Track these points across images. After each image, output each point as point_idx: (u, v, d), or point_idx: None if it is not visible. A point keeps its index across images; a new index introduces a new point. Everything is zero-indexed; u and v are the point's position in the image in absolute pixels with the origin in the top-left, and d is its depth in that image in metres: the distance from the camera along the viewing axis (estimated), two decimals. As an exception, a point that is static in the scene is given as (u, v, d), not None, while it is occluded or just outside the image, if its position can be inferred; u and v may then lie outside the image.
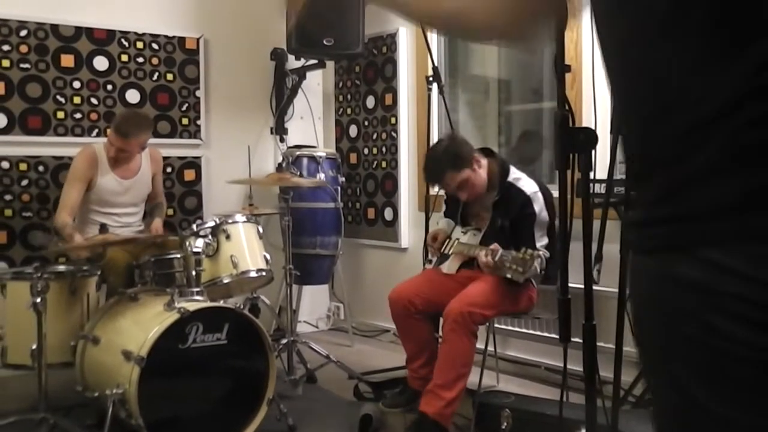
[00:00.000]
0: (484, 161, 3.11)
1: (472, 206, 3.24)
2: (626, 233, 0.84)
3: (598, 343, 2.00)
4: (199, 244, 2.94)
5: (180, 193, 4.45)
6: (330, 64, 4.80)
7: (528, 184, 3.06)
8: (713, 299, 0.70)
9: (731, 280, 0.69)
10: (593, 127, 2.73)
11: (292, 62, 4.71)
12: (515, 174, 3.10)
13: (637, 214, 0.82)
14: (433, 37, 4.32)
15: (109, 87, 4.18)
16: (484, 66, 4.49)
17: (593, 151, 1.76)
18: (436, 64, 3.88)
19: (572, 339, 2.11)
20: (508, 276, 2.82)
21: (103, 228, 3.01)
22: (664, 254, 0.76)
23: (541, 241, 3.00)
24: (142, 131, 3.55)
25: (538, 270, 2.98)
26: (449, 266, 3.26)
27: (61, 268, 3.30)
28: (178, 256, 3.17)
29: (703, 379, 0.73)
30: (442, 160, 3.06)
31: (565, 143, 1.40)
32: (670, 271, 0.74)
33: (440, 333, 3.17)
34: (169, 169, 4.37)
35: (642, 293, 0.81)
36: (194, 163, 4.50)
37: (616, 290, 2.53)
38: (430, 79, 3.81)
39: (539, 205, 3.01)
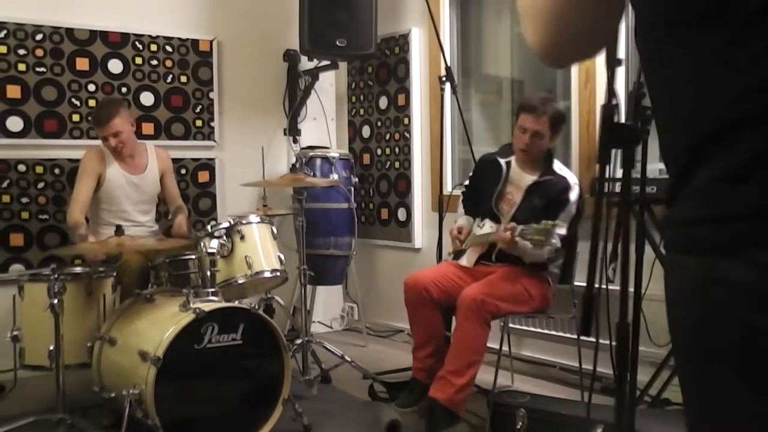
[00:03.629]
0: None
1: (510, 186, 3.25)
2: (666, 232, 0.82)
3: (613, 343, 1.99)
4: (213, 245, 2.96)
5: (194, 195, 4.47)
6: (343, 65, 4.80)
7: (570, 175, 3.17)
8: (762, 300, 0.69)
9: None
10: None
11: (305, 63, 4.73)
12: (559, 164, 3.21)
13: (680, 214, 0.80)
14: (446, 37, 4.32)
15: (124, 90, 4.21)
16: (497, 66, 4.48)
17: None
18: (449, 65, 3.88)
19: (589, 338, 2.10)
20: (530, 246, 2.85)
21: (119, 230, 3.03)
22: (710, 255, 0.74)
23: (560, 230, 3.01)
24: (114, 112, 3.56)
25: (554, 246, 3.00)
26: (467, 259, 3.28)
27: (78, 269, 3.33)
28: (193, 257, 3.19)
29: (748, 381, 0.71)
30: (553, 107, 3.11)
31: (608, 138, 1.37)
32: (716, 271, 0.73)
33: (451, 331, 3.18)
34: (183, 171, 4.39)
35: (683, 293, 0.79)
36: (208, 165, 4.52)
37: (632, 289, 2.51)
38: (443, 79, 3.81)
39: (575, 196, 3.11)
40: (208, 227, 3.23)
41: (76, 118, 4.06)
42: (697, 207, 0.76)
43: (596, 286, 1.66)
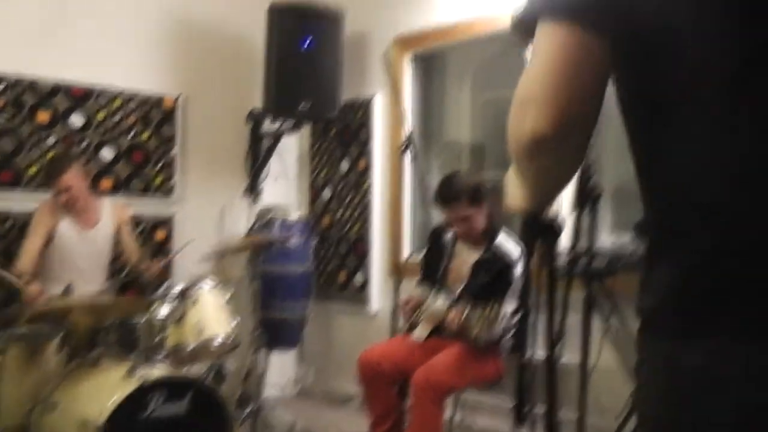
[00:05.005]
0: (485, 212, 3.20)
1: (455, 260, 3.27)
2: (637, 315, 0.89)
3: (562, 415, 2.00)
4: (164, 311, 2.92)
5: (151, 252, 4.40)
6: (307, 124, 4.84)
7: (513, 249, 3.14)
8: (712, 384, 0.75)
9: (731, 367, 0.74)
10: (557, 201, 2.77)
11: (269, 124, 4.75)
12: (503, 236, 3.19)
13: (648, 300, 0.86)
14: (408, 105, 4.39)
15: (84, 143, 4.18)
16: (458, 131, 4.56)
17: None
18: (410, 131, 3.94)
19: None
20: (474, 334, 2.84)
21: (68, 289, 2.97)
22: (671, 341, 0.80)
23: (508, 307, 3.02)
24: (65, 167, 3.57)
25: (498, 332, 3.00)
26: (419, 333, 3.26)
27: (22, 330, 3.23)
28: (143, 320, 3.13)
29: None
30: (463, 186, 3.13)
31: (531, 234, 1.42)
32: (675, 356, 0.79)
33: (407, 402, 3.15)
34: (140, 228, 4.34)
35: (647, 374, 0.85)
36: (166, 223, 4.48)
37: (578, 362, 2.53)
38: (404, 146, 3.85)
39: (518, 272, 3.09)
40: (160, 291, 3.18)
41: (33, 170, 4.01)
42: (658, 297, 0.83)
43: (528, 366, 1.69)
